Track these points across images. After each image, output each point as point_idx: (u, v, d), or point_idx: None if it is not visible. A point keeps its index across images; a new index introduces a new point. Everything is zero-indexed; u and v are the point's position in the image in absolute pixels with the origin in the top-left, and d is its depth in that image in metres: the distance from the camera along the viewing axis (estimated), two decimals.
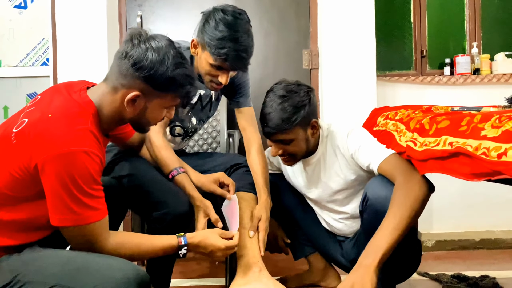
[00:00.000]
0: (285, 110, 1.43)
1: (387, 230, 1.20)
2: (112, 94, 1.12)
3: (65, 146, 1.00)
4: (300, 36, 2.56)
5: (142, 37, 1.11)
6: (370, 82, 2.45)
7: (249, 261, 1.51)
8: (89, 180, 1.03)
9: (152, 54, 1.09)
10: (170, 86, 1.13)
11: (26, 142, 1.02)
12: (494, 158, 0.91)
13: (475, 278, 1.80)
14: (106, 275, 0.99)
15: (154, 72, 1.09)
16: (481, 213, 2.60)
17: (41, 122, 1.04)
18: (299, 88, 1.47)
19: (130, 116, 1.15)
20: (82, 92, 1.13)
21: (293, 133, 1.45)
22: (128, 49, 1.10)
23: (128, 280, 0.99)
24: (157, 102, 1.14)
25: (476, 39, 2.81)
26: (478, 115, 1.05)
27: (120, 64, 1.10)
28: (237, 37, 1.42)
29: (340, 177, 1.53)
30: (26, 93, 2.65)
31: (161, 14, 2.53)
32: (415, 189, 1.23)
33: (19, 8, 2.64)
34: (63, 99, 1.10)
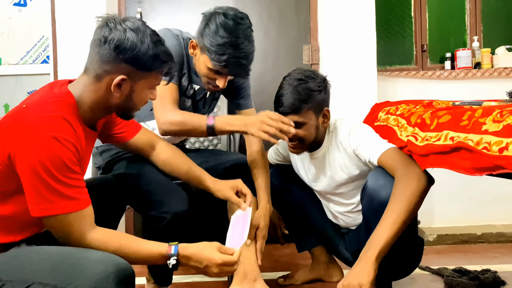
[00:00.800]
0: (300, 92, 1.46)
1: (386, 224, 1.22)
2: (96, 83, 1.10)
3: (35, 132, 0.98)
4: (300, 31, 2.55)
5: (117, 20, 1.09)
6: (370, 77, 2.45)
7: (245, 269, 1.52)
8: (62, 167, 1.00)
9: (131, 34, 1.07)
10: (153, 64, 1.11)
11: (1, 134, 1.02)
12: (496, 153, 0.92)
13: (476, 272, 1.81)
14: (84, 270, 0.95)
15: (137, 52, 1.07)
16: (482, 207, 2.61)
17: (15, 113, 1.04)
18: (316, 75, 1.53)
19: (117, 102, 1.13)
20: (63, 86, 1.12)
21: (306, 116, 1.48)
22: (105, 33, 1.07)
23: (107, 273, 0.94)
24: (142, 83, 1.13)
25: (477, 33, 2.80)
26: (479, 110, 1.05)
27: (100, 51, 1.08)
28: (238, 43, 1.39)
29: (344, 172, 1.54)
30: (27, 91, 2.65)
31: (160, 11, 2.53)
32: (413, 183, 1.24)
33: (18, 5, 2.64)
34: (42, 93, 1.10)
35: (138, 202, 1.49)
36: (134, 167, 1.51)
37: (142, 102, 1.18)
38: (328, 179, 1.59)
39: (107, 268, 0.95)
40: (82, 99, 1.11)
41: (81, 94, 1.11)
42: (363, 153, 1.44)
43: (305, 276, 1.81)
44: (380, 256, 1.21)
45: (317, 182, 1.65)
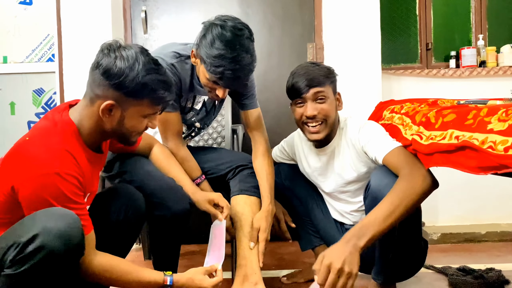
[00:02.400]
0: (321, 69, 1.54)
1: (381, 215, 1.20)
2: (90, 107, 1.13)
3: (38, 169, 1.02)
4: (305, 29, 2.55)
5: (112, 47, 1.12)
6: (375, 75, 2.45)
7: (246, 272, 1.53)
8: (64, 200, 1.04)
9: (121, 61, 1.09)
10: (142, 92, 1.12)
11: (6, 166, 1.06)
12: (501, 152, 0.91)
13: (480, 270, 1.80)
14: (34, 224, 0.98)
15: (123, 79, 1.09)
16: (487, 206, 2.60)
17: (18, 146, 1.07)
18: (324, 65, 1.61)
19: (109, 127, 1.15)
20: (64, 112, 1.14)
21: (328, 91, 1.52)
22: (99, 59, 1.11)
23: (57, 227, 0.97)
24: (133, 110, 1.14)
25: (482, 31, 2.79)
26: (484, 109, 1.05)
27: (93, 75, 1.12)
28: (233, 55, 1.36)
29: (353, 169, 1.55)
30: (33, 89, 2.67)
31: (165, 9, 2.53)
32: (417, 182, 1.23)
33: (24, 4, 2.65)
34: (44, 122, 1.13)
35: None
36: (136, 168, 1.52)
37: (137, 130, 1.19)
38: (336, 177, 1.60)
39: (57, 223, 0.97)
40: (82, 124, 1.14)
41: (80, 119, 1.14)
42: (370, 150, 1.44)
43: (308, 274, 1.82)
44: (367, 245, 1.18)
45: (324, 179, 1.65)
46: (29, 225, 0.97)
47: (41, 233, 0.95)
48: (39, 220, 0.97)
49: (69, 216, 1.01)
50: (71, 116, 1.14)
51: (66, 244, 0.97)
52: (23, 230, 0.97)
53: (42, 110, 2.68)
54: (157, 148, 1.57)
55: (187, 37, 2.50)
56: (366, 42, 2.45)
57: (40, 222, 0.96)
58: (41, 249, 0.94)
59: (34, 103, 2.67)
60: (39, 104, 2.67)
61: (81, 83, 2.31)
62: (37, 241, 0.94)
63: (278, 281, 1.82)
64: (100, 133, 1.17)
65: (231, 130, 2.25)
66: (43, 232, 0.95)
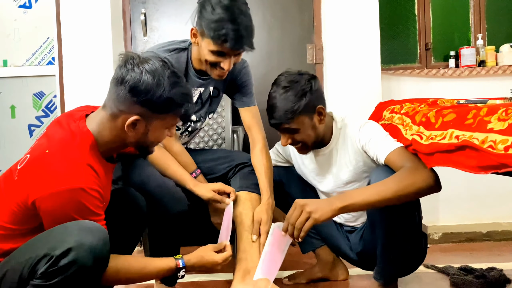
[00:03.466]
0: (288, 99, 1.45)
1: (370, 191, 1.24)
2: (112, 121, 1.13)
3: (60, 185, 1.02)
4: (304, 30, 2.55)
5: (136, 61, 1.11)
6: (375, 75, 2.45)
7: (247, 266, 1.54)
8: (86, 213, 1.05)
9: (147, 77, 1.08)
10: (168, 107, 1.13)
11: (24, 178, 1.05)
12: (501, 151, 0.92)
13: (482, 270, 1.80)
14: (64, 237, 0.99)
15: (151, 96, 1.09)
16: (488, 205, 2.60)
17: (38, 158, 1.06)
18: (301, 77, 1.50)
19: (132, 140, 1.16)
20: (81, 122, 1.14)
21: (298, 122, 1.47)
22: (123, 74, 1.10)
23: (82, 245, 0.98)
24: (157, 123, 1.15)
25: (481, 31, 2.79)
26: (484, 108, 1.05)
27: (117, 91, 1.11)
28: (234, 17, 1.42)
29: (350, 169, 1.55)
30: (33, 93, 2.68)
31: (165, 11, 2.54)
32: (418, 176, 1.24)
33: (24, 7, 2.66)
34: (61, 132, 1.12)
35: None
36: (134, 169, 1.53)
37: (158, 141, 1.22)
38: (334, 177, 1.60)
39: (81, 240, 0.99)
40: (100, 136, 1.13)
41: (99, 131, 1.13)
42: (371, 149, 1.44)
43: (310, 275, 1.82)
44: (345, 209, 1.23)
45: (321, 180, 1.65)
46: (61, 238, 0.98)
47: (74, 247, 0.96)
48: (72, 233, 0.99)
49: (100, 230, 1.03)
50: (89, 127, 1.13)
51: (96, 258, 0.99)
52: (56, 242, 0.98)
53: (43, 114, 2.68)
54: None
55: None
56: (365, 43, 2.45)
57: (74, 236, 0.98)
58: (74, 263, 0.96)
59: (34, 106, 2.68)
60: (39, 107, 2.68)
61: (81, 86, 2.35)
62: (71, 255, 0.96)
63: (280, 282, 1.82)
64: (119, 145, 1.18)
65: (231, 132, 2.25)
66: (76, 247, 0.97)
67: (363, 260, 1.66)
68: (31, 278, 0.98)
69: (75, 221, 1.02)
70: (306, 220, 1.21)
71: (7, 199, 1.07)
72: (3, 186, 1.12)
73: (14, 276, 1.00)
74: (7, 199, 1.07)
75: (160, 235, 1.52)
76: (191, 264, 1.27)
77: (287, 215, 1.25)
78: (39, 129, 2.69)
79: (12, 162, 1.24)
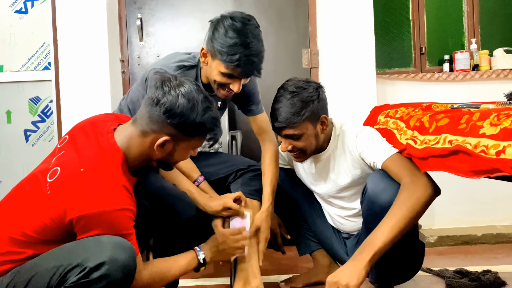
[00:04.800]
0: (294, 104, 1.46)
1: (385, 228, 1.22)
2: (141, 138, 1.16)
3: (99, 206, 1.05)
4: (300, 35, 2.57)
5: (173, 83, 1.15)
6: (370, 80, 2.47)
7: (247, 276, 1.56)
8: (120, 231, 1.08)
9: (183, 101, 1.12)
10: (198, 131, 1.18)
11: (60, 195, 1.06)
12: (493, 156, 0.93)
13: (477, 273, 1.81)
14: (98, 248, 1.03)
15: (185, 119, 1.13)
16: (483, 208, 2.61)
17: (74, 177, 1.07)
18: (308, 84, 1.51)
19: (158, 158, 1.19)
20: (110, 136, 1.16)
21: (302, 128, 1.48)
22: (159, 96, 1.13)
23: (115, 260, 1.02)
24: (185, 144, 1.19)
25: (475, 35, 2.82)
26: (477, 113, 1.07)
27: (151, 111, 1.14)
28: (247, 42, 1.41)
29: (348, 175, 1.55)
30: (29, 98, 2.67)
31: (160, 17, 2.55)
32: (419, 191, 1.25)
33: (20, 13, 2.66)
34: (92, 149, 1.13)
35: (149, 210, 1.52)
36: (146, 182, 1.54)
37: (182, 159, 1.26)
38: (331, 182, 1.60)
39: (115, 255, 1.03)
40: (129, 152, 1.16)
41: (127, 147, 1.16)
42: (368, 156, 1.45)
43: (306, 279, 1.82)
44: (374, 259, 1.20)
45: (319, 185, 1.66)
46: (96, 251, 1.01)
47: (107, 262, 1.00)
48: (107, 248, 1.02)
49: (131, 248, 1.07)
50: (117, 142, 1.15)
51: (125, 274, 1.03)
52: (90, 254, 1.01)
53: (39, 119, 2.68)
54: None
55: (182, 44, 2.54)
56: (361, 47, 2.47)
57: (108, 251, 1.01)
58: (105, 277, 1.00)
59: (30, 111, 2.67)
60: (35, 112, 2.67)
61: (77, 91, 2.35)
62: (103, 269, 0.99)
63: (276, 286, 1.83)
64: (145, 161, 1.20)
65: (229, 136, 2.26)
66: (110, 262, 1.00)
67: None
68: (59, 286, 1.01)
69: (109, 236, 1.06)
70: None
71: (37, 211, 1.08)
72: (30, 195, 1.12)
73: (42, 281, 1.02)
74: (37, 211, 1.08)
75: (168, 241, 1.52)
76: (206, 244, 1.38)
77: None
78: (35, 134, 2.68)
79: (8, 167, 1.24)
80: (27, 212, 1.10)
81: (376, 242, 1.21)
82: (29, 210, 1.10)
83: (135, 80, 2.52)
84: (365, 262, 1.19)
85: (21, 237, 1.08)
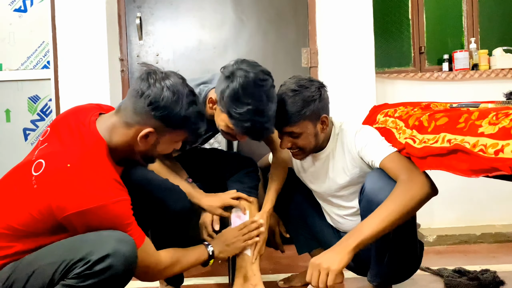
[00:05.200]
0: (295, 103, 1.45)
1: (375, 219, 1.24)
2: (125, 128, 1.15)
3: (96, 201, 1.04)
4: (299, 34, 2.57)
5: (158, 76, 1.14)
6: (369, 79, 2.47)
7: (246, 273, 1.56)
8: (123, 220, 1.09)
9: (167, 93, 1.12)
10: (182, 124, 1.17)
11: (48, 190, 1.05)
12: (491, 155, 0.93)
13: (476, 272, 1.82)
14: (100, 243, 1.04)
15: (169, 112, 1.13)
16: (482, 207, 2.62)
17: (61, 172, 1.05)
18: (311, 83, 1.50)
19: (141, 150, 1.18)
20: (92, 126, 1.15)
21: (302, 127, 1.47)
22: (144, 88, 1.13)
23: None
24: (168, 137, 1.19)
25: (474, 35, 2.82)
26: (475, 112, 1.07)
27: (135, 102, 1.13)
28: (262, 109, 1.34)
29: (347, 174, 1.55)
30: (28, 96, 2.67)
31: (160, 16, 2.55)
32: (415, 188, 1.25)
33: (19, 11, 2.66)
34: (76, 141, 1.12)
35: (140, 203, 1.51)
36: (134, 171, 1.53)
37: (165, 152, 1.25)
38: (330, 181, 1.60)
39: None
40: (112, 142, 1.16)
41: (110, 136, 1.15)
42: (367, 155, 1.45)
43: (305, 278, 1.82)
44: (358, 247, 1.22)
45: (318, 183, 1.66)
46: (99, 244, 1.02)
47: (112, 254, 1.01)
48: (110, 241, 1.03)
49: (132, 241, 1.08)
50: (99, 131, 1.15)
51: (127, 266, 1.04)
52: (93, 248, 1.02)
53: (38, 117, 2.68)
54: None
55: (182, 43, 2.54)
56: (360, 46, 2.47)
57: (111, 244, 1.03)
58: (109, 268, 1.01)
59: (29, 110, 2.68)
60: (34, 111, 2.68)
61: (76, 89, 2.35)
62: (107, 261, 1.01)
63: (275, 285, 1.83)
64: (127, 152, 1.19)
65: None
66: (114, 254, 1.02)
67: (357, 264, 1.67)
68: (62, 279, 1.02)
69: (110, 231, 1.07)
70: (326, 275, 1.20)
71: (24, 204, 1.07)
72: (15, 188, 1.11)
73: (45, 276, 1.02)
74: (24, 204, 1.07)
75: (163, 234, 1.51)
76: (214, 239, 1.47)
77: (308, 277, 1.25)
78: (34, 133, 2.68)
79: (7, 166, 1.23)
80: (13, 205, 1.09)
81: (364, 231, 1.23)
82: (15, 204, 1.09)
83: (134, 79, 2.52)
84: (350, 248, 1.21)
85: (7, 230, 1.08)
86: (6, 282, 1.05)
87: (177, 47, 2.55)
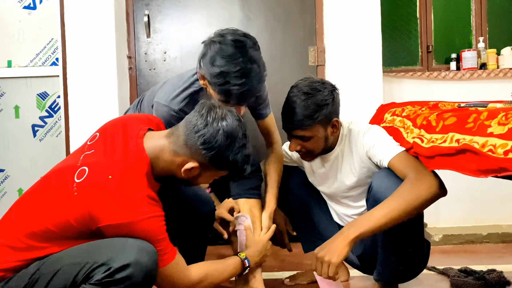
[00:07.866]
0: (308, 107, 1.43)
1: (377, 214, 1.25)
2: (172, 156, 1.17)
3: (128, 217, 1.06)
4: (306, 32, 2.57)
5: (217, 115, 1.15)
6: (376, 78, 2.46)
7: (247, 277, 1.58)
8: (155, 236, 1.10)
9: (221, 137, 1.13)
10: (229, 167, 1.19)
11: (86, 199, 1.07)
12: (501, 155, 0.93)
13: (482, 272, 1.81)
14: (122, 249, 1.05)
15: (219, 155, 1.14)
16: (488, 207, 2.61)
17: (102, 183, 1.08)
18: (324, 86, 1.48)
19: (182, 178, 1.20)
20: (139, 141, 1.16)
21: (313, 131, 1.47)
22: (200, 126, 1.14)
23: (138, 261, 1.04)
24: (211, 173, 1.21)
25: (483, 34, 2.80)
26: (484, 112, 1.07)
27: (189, 136, 1.15)
28: (237, 69, 1.27)
29: (354, 175, 1.55)
30: (37, 93, 2.70)
31: (168, 13, 2.55)
32: (421, 188, 1.25)
33: (28, 8, 2.68)
34: (121, 154, 1.13)
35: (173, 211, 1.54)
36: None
37: (205, 183, 1.30)
38: (338, 182, 1.60)
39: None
40: (156, 162, 1.17)
41: (156, 158, 1.17)
42: (375, 154, 1.45)
43: (311, 276, 1.83)
44: (358, 238, 1.24)
45: (326, 184, 1.66)
46: (121, 252, 1.04)
47: (133, 264, 1.03)
48: (133, 251, 1.04)
49: (154, 253, 1.09)
50: (147, 150, 1.16)
51: (147, 278, 1.06)
52: (116, 255, 1.03)
53: (46, 114, 2.70)
54: None
55: (189, 40, 2.54)
56: (367, 45, 2.46)
57: (134, 254, 1.04)
58: (129, 278, 1.02)
59: (38, 106, 2.70)
60: (43, 107, 2.70)
61: (85, 86, 2.37)
62: (128, 271, 1.02)
63: (281, 283, 1.84)
64: (169, 175, 1.21)
65: None
66: (135, 264, 1.03)
67: (363, 263, 1.67)
68: (84, 282, 1.04)
69: (136, 240, 1.08)
70: (328, 267, 1.23)
71: (62, 209, 1.09)
72: (56, 191, 1.12)
73: (68, 276, 1.04)
74: (62, 209, 1.09)
75: (190, 236, 1.55)
76: (247, 251, 1.49)
77: (313, 267, 1.29)
78: (42, 129, 2.71)
79: (16, 162, 1.25)
80: (52, 207, 1.10)
81: (365, 224, 1.25)
82: (54, 206, 1.10)
83: (142, 76, 2.53)
84: (349, 239, 1.24)
85: (43, 231, 1.10)
86: (33, 276, 1.07)
87: (184, 44, 2.55)
